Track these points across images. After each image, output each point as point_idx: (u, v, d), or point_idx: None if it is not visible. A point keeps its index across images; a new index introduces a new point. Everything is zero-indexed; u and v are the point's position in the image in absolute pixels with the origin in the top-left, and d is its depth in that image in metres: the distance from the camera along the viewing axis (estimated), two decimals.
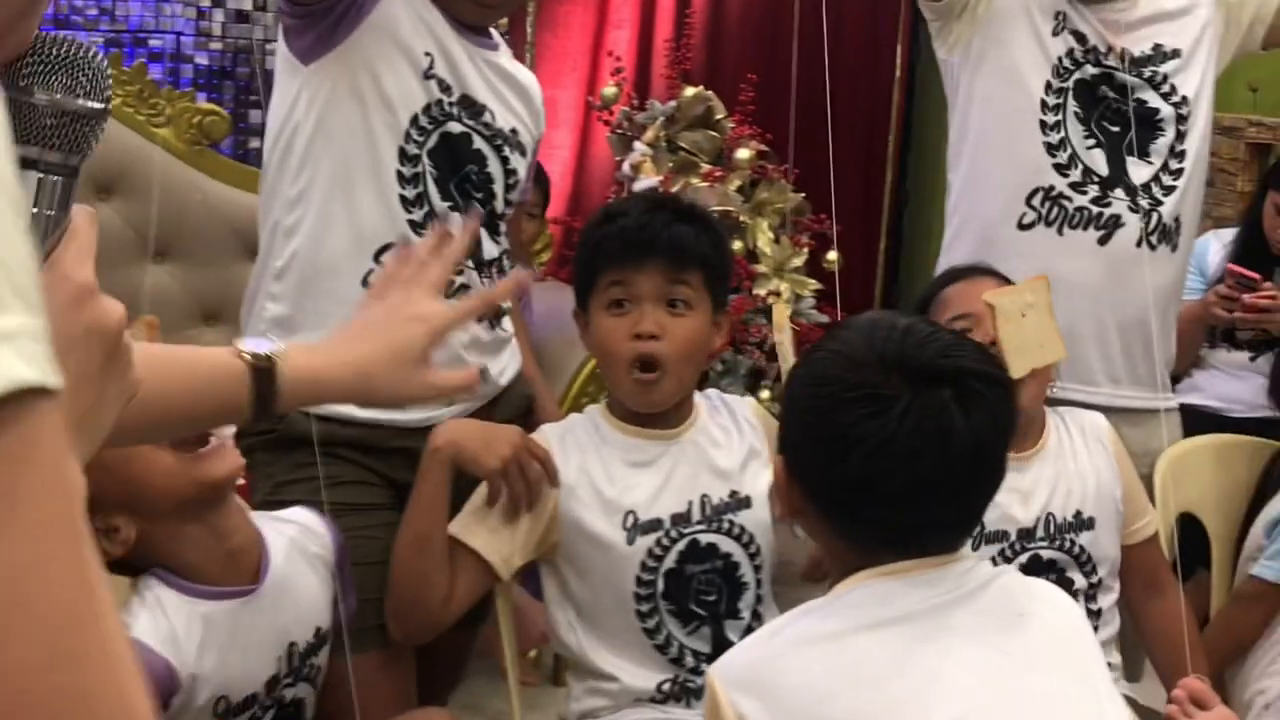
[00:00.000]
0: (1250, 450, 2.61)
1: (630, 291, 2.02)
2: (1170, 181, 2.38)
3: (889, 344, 1.39)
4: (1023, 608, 1.40)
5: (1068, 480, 2.19)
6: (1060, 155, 2.37)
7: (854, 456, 1.35)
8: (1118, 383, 2.41)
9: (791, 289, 3.80)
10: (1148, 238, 2.37)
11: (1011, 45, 2.39)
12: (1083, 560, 2.19)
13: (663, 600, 2.01)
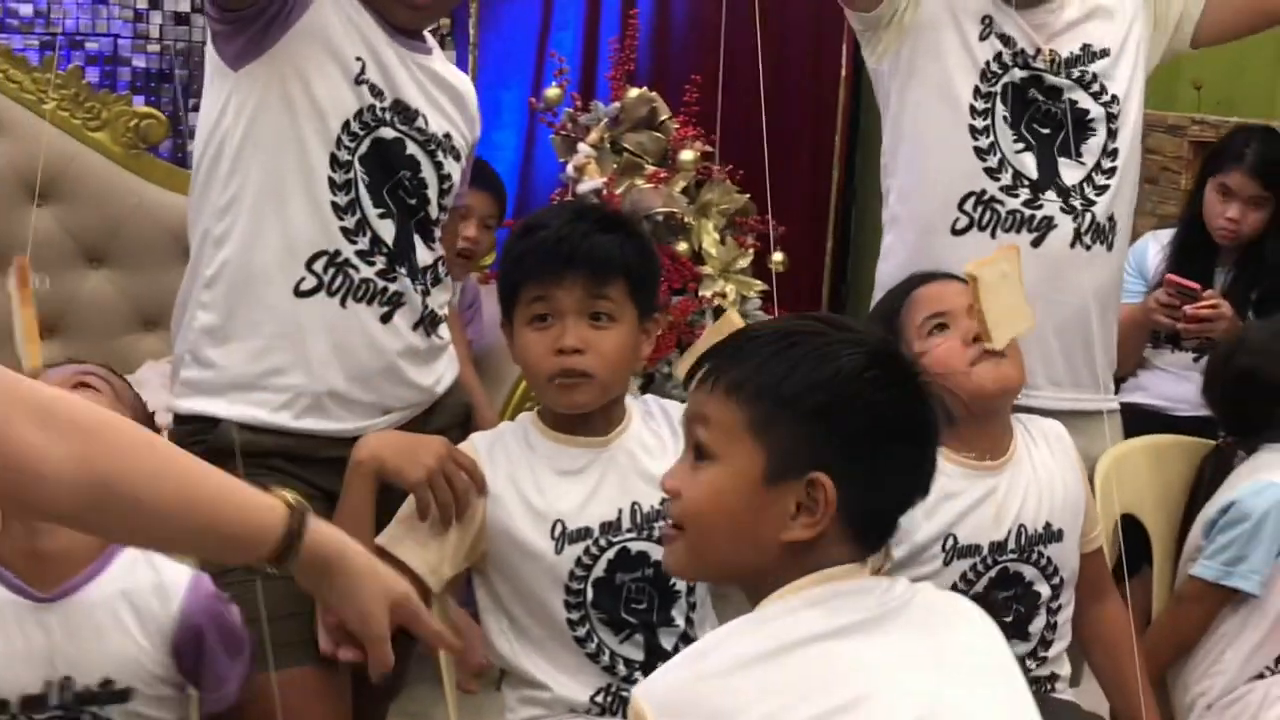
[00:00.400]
0: (1189, 449, 2.61)
1: (551, 305, 2.01)
2: (1103, 181, 2.38)
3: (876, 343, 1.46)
4: (947, 622, 1.39)
5: (1038, 490, 2.18)
6: (990, 159, 2.36)
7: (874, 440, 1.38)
8: (1059, 385, 2.40)
9: (737, 290, 3.79)
10: (1081, 238, 2.36)
11: (939, 52, 2.38)
12: (1049, 572, 2.18)
13: (593, 609, 2.00)
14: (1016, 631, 2.15)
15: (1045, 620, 2.18)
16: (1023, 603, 2.16)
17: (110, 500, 1.24)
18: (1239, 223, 3.37)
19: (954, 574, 2.10)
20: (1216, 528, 2.40)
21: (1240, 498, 2.38)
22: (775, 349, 1.39)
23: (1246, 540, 2.35)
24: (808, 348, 1.38)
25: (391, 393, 2.16)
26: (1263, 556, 2.34)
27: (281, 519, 1.37)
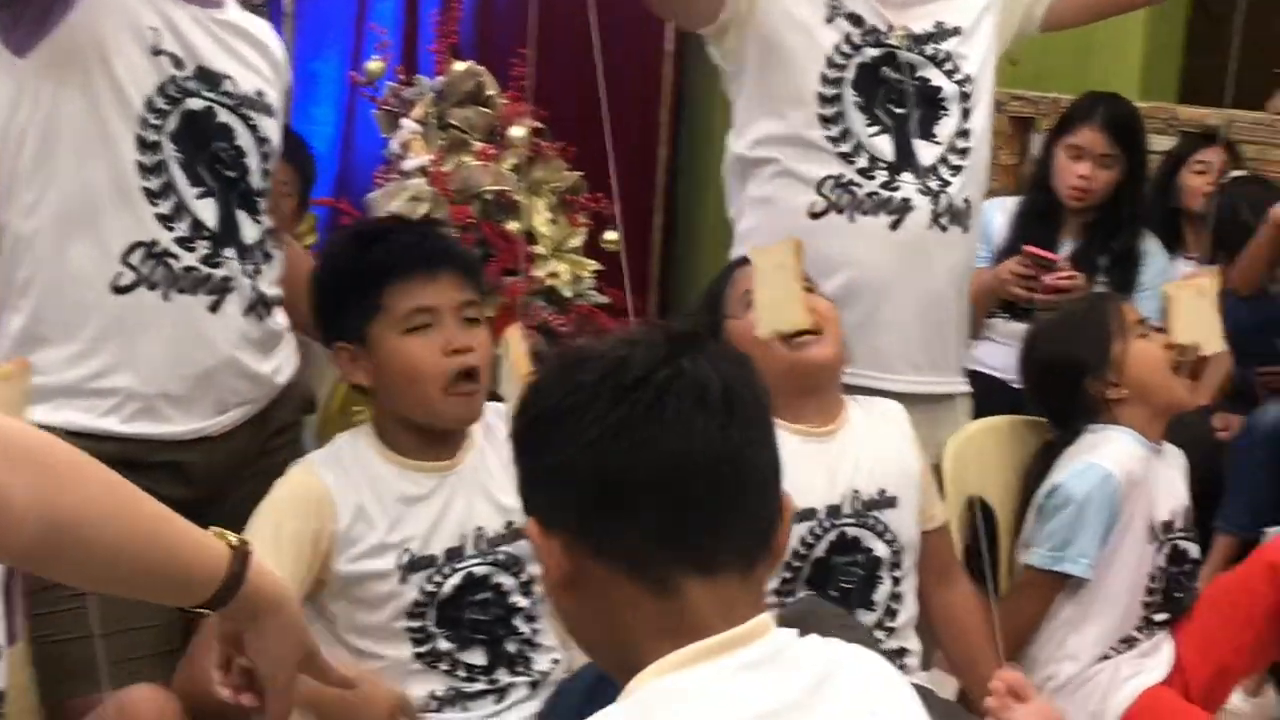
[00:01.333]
0: (1036, 429, 2.61)
1: (432, 308, 1.93)
2: (958, 162, 2.35)
3: (633, 337, 1.24)
4: (873, 703, 1.18)
5: (870, 458, 2.18)
6: (844, 145, 2.32)
7: (592, 414, 1.15)
8: (917, 369, 2.38)
9: (571, 270, 3.71)
10: (938, 220, 2.33)
11: (782, 52, 2.33)
12: (888, 539, 2.17)
13: (437, 628, 1.95)
14: (861, 600, 2.14)
15: (889, 589, 2.17)
16: (864, 568, 2.15)
17: (62, 541, 1.16)
18: (1090, 180, 3.39)
19: (794, 538, 2.07)
20: (1044, 514, 2.40)
21: (1063, 481, 2.38)
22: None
23: (1072, 524, 2.34)
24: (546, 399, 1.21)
25: (229, 387, 2.04)
26: (1090, 539, 2.34)
27: (224, 561, 1.28)
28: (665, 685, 1.11)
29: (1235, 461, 3.43)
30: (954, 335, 2.39)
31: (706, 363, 1.18)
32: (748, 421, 1.18)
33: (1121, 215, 3.41)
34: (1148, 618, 2.42)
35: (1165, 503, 2.44)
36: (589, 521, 1.17)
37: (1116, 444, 2.41)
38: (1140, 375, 2.43)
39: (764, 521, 1.21)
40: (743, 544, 1.18)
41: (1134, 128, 3.47)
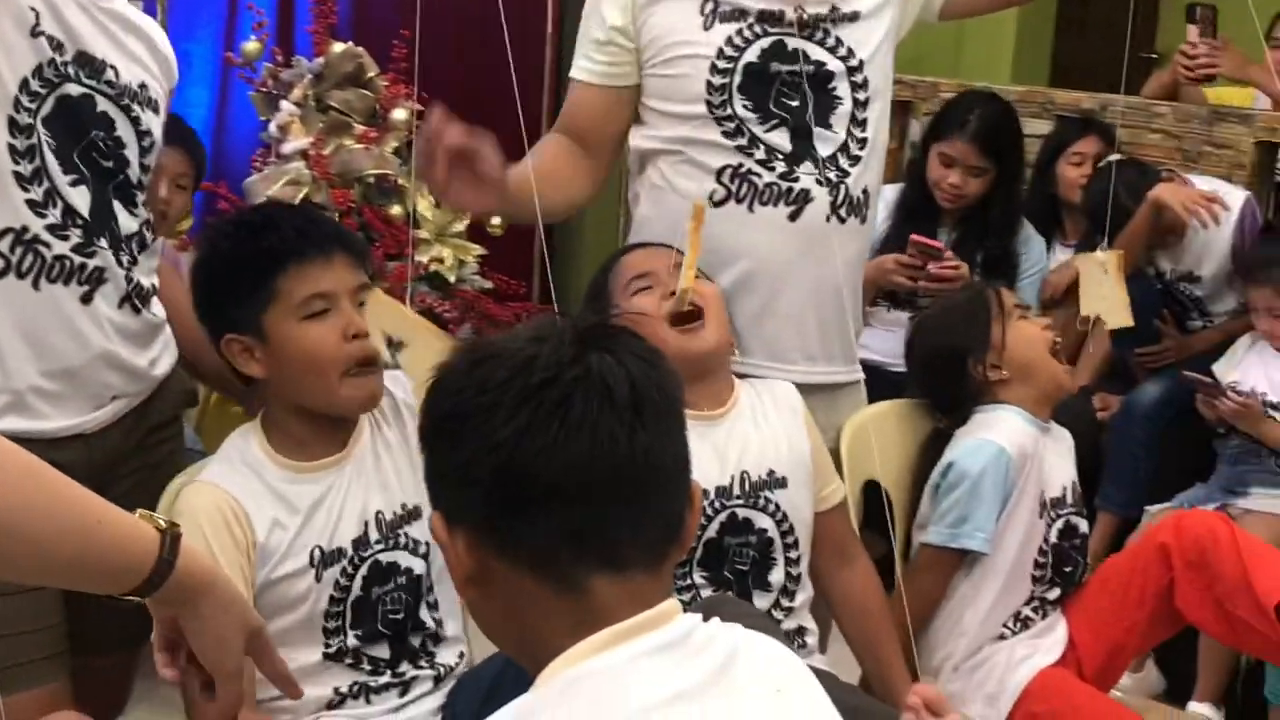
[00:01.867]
0: (930, 414, 2.62)
1: (329, 293, 1.88)
2: (856, 151, 2.34)
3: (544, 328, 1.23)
4: (777, 683, 1.19)
5: (760, 440, 2.18)
6: (741, 140, 2.29)
7: (498, 418, 1.14)
8: (812, 359, 2.37)
9: (454, 255, 3.64)
10: (837, 211, 2.32)
11: (669, 60, 2.30)
12: (779, 519, 2.17)
13: (351, 630, 1.92)
14: (757, 582, 2.15)
15: (784, 569, 2.18)
16: (756, 549, 2.16)
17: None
18: (961, 189, 3.42)
19: None
20: (940, 491, 2.42)
21: (957, 458, 2.41)
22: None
23: (968, 500, 2.37)
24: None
25: (104, 381, 1.97)
26: (986, 514, 2.37)
27: (153, 546, 1.25)
28: (575, 672, 1.10)
29: (1114, 441, 3.49)
30: (850, 325, 2.38)
31: (615, 360, 1.17)
32: (656, 419, 1.17)
33: (993, 220, 3.44)
34: (1041, 596, 2.44)
35: (1056, 479, 2.47)
36: (493, 521, 1.16)
37: (1007, 421, 2.44)
38: (1021, 355, 2.46)
39: (671, 516, 1.21)
40: (650, 540, 1.18)
41: (1006, 138, 3.49)
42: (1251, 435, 3.21)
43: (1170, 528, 2.42)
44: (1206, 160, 3.78)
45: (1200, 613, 2.38)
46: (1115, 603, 2.43)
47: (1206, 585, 2.35)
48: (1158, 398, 3.45)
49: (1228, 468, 3.29)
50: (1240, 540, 2.35)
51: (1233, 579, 2.31)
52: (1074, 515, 2.49)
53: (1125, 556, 2.56)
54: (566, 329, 1.20)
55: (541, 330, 1.20)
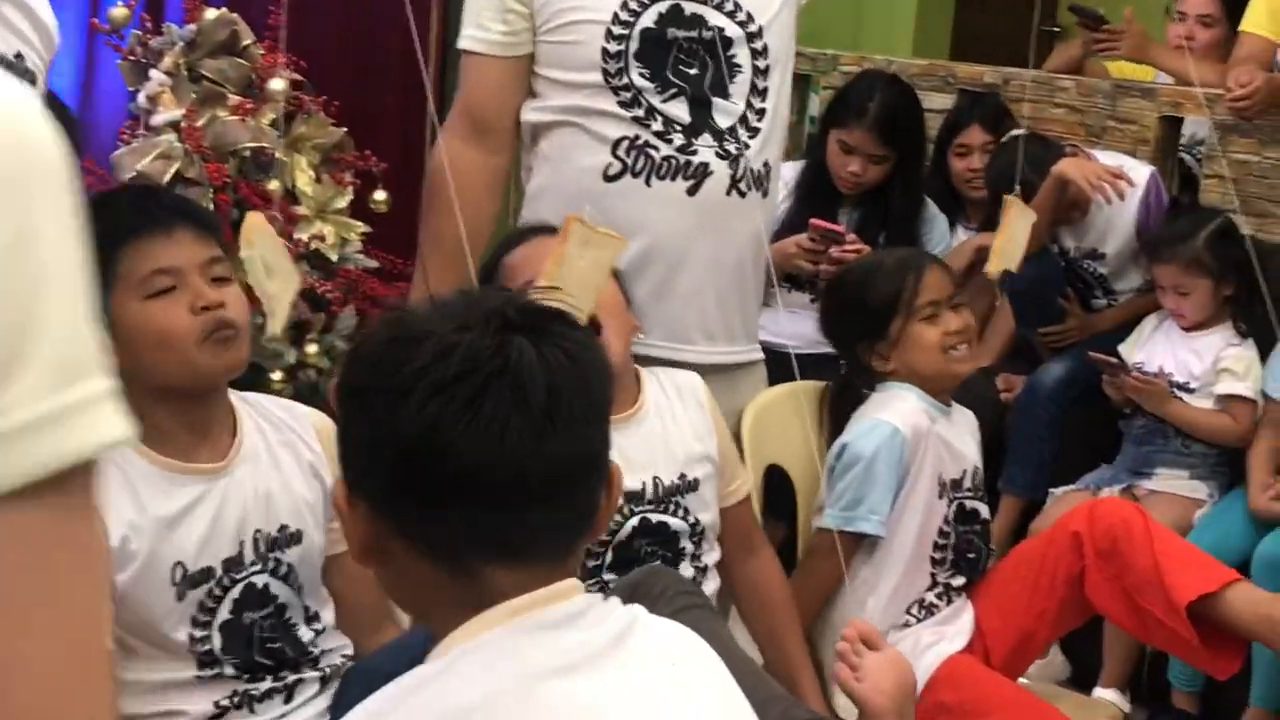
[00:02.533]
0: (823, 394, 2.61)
1: (174, 269, 1.81)
2: (755, 123, 2.32)
3: (450, 300, 1.25)
4: (673, 656, 1.22)
5: (669, 442, 2.16)
6: (638, 110, 2.26)
7: (407, 410, 1.13)
8: (713, 339, 2.35)
9: (337, 232, 3.56)
10: (737, 185, 2.30)
11: (564, 25, 2.28)
12: (691, 522, 2.17)
13: (222, 654, 1.84)
14: None
15: (690, 566, 2.18)
16: (667, 548, 2.15)
17: None
18: (860, 176, 3.41)
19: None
20: (834, 474, 2.41)
21: (851, 440, 2.41)
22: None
23: (861, 481, 2.37)
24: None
25: None
26: (880, 495, 2.37)
27: None
28: (469, 645, 1.12)
29: (1017, 422, 3.51)
30: (751, 303, 2.37)
31: (538, 354, 1.16)
32: (570, 423, 1.17)
33: (893, 207, 3.44)
34: (945, 583, 2.45)
35: (955, 461, 2.48)
36: (393, 501, 1.17)
37: (902, 401, 2.45)
38: (910, 357, 2.46)
39: (582, 510, 1.21)
40: (555, 536, 1.19)
41: (906, 124, 3.48)
42: (1157, 415, 3.25)
43: (1083, 516, 2.44)
44: (1110, 135, 3.82)
45: (1110, 603, 2.40)
46: (1025, 590, 2.45)
47: (1117, 576, 2.37)
48: (1061, 377, 3.48)
49: (1133, 448, 3.33)
50: (1154, 532, 2.38)
51: (1144, 572, 2.34)
52: (973, 499, 2.50)
53: (1037, 543, 2.58)
54: (494, 316, 1.18)
55: (469, 312, 1.19)
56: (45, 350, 0.61)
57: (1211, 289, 3.24)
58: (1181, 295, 3.26)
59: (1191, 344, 3.29)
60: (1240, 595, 2.32)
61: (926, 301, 2.47)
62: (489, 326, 1.17)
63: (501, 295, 1.29)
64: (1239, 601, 2.31)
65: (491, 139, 2.34)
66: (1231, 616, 2.30)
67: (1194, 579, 2.31)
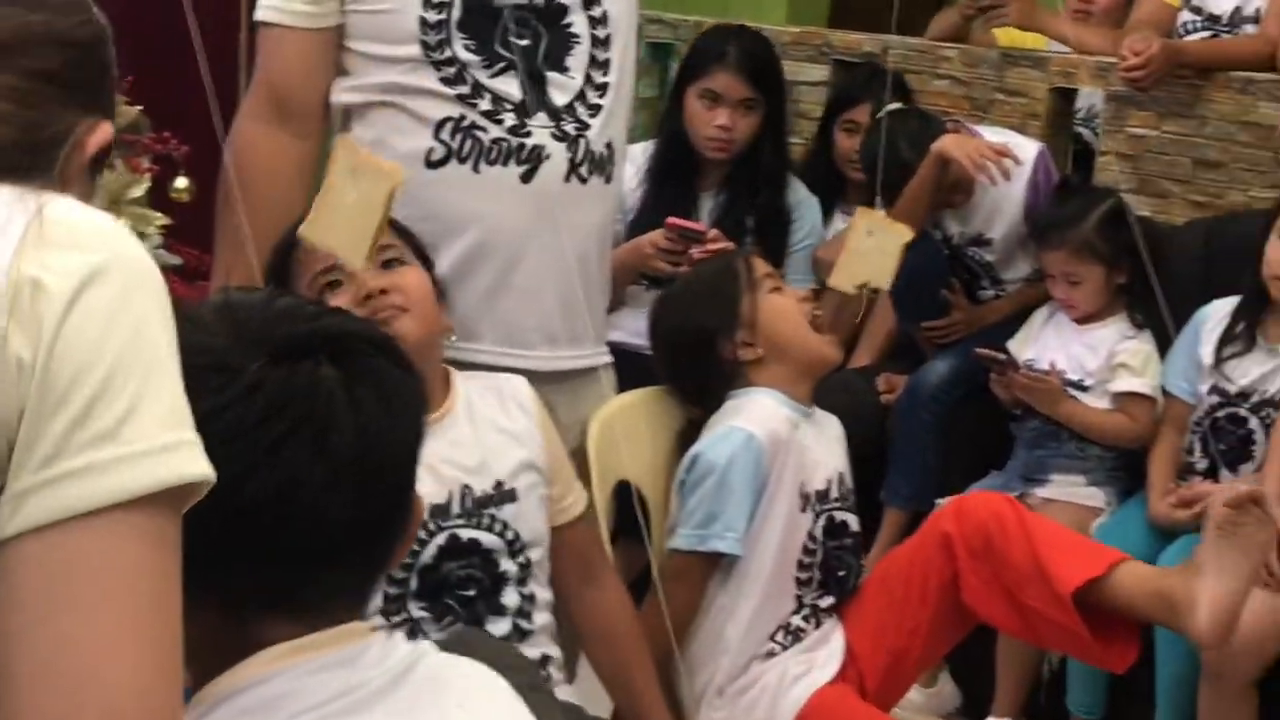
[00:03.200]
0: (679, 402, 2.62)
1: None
2: (596, 100, 2.32)
3: (245, 312, 1.22)
4: (456, 701, 1.22)
5: (483, 448, 2.14)
6: (462, 88, 2.25)
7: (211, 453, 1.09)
8: (554, 342, 2.34)
9: (133, 225, 3.51)
10: (576, 170, 2.30)
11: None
12: (510, 539, 2.14)
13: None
14: (490, 608, 2.12)
15: (518, 592, 2.15)
16: (484, 571, 2.13)
17: None
18: (731, 130, 3.42)
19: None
20: (685, 488, 2.43)
21: (703, 450, 2.43)
22: None
23: (715, 495, 2.39)
24: None
25: None
26: (737, 511, 2.38)
27: None
28: (224, 691, 1.13)
29: (899, 427, 3.53)
30: (598, 302, 2.37)
31: (349, 397, 1.16)
32: (377, 472, 1.18)
33: (764, 166, 3.46)
34: (812, 604, 2.46)
35: (819, 470, 2.50)
36: None
37: (758, 405, 2.47)
38: (774, 330, 2.50)
39: (377, 563, 1.24)
40: (344, 591, 1.21)
41: (770, 69, 3.52)
42: (1050, 417, 3.30)
43: (951, 514, 2.47)
44: (998, 109, 3.89)
45: (990, 606, 2.43)
46: (895, 603, 2.47)
47: (994, 574, 2.40)
48: (946, 376, 3.49)
49: (1025, 453, 3.37)
50: (1029, 522, 2.41)
51: (1023, 566, 2.36)
52: (842, 510, 2.52)
53: (904, 551, 2.60)
54: (300, 344, 1.18)
55: (269, 335, 1.18)
56: (156, 406, 0.97)
57: (1104, 277, 3.29)
58: (1072, 284, 3.31)
59: (1084, 338, 3.34)
60: (1129, 575, 2.36)
61: (765, 273, 2.54)
62: (294, 357, 1.16)
63: (305, 312, 1.26)
64: (1128, 581, 2.34)
65: (297, 122, 2.31)
66: (1122, 599, 2.34)
67: (1077, 565, 2.34)
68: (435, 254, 2.23)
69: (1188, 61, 3.59)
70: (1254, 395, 3.09)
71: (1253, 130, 3.52)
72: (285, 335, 1.18)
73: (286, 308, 1.24)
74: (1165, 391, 3.23)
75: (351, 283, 2.06)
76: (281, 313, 1.23)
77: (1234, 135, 3.55)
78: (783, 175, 3.54)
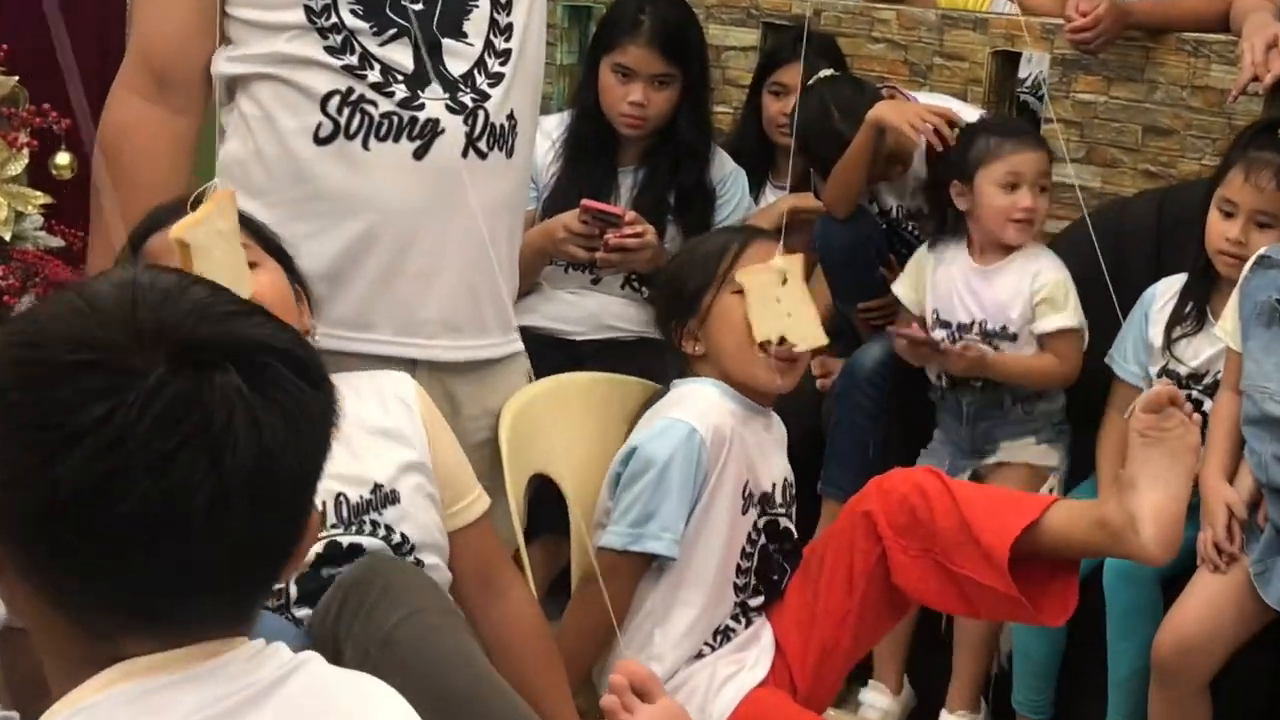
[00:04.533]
0: (602, 388, 2.64)
1: None
2: (497, 68, 2.32)
3: (148, 305, 1.16)
4: (343, 710, 1.22)
5: (358, 450, 2.13)
6: (349, 57, 2.25)
7: (72, 459, 1.09)
8: (457, 331, 2.35)
9: (10, 205, 3.50)
10: (475, 144, 2.30)
11: None
12: (395, 542, 2.13)
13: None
14: None
15: None
16: None
17: None
18: (645, 107, 3.43)
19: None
20: (620, 483, 2.43)
21: (641, 442, 2.43)
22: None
23: (652, 492, 2.39)
24: None
25: None
26: (674, 509, 2.39)
27: None
28: (82, 705, 1.12)
29: (836, 413, 3.52)
30: (504, 285, 2.37)
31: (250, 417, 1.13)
32: (273, 498, 1.16)
33: (684, 142, 3.47)
34: (743, 603, 2.48)
35: (764, 471, 2.52)
36: (29, 546, 1.14)
37: (702, 396, 2.48)
38: (719, 336, 2.50)
39: (261, 587, 1.23)
40: (224, 614, 1.19)
41: (689, 37, 3.52)
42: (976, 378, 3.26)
43: (873, 493, 2.48)
44: (938, 74, 3.91)
45: (922, 583, 2.44)
46: (821, 594, 2.48)
47: (923, 549, 2.41)
48: (881, 359, 3.45)
49: (967, 427, 3.34)
50: (954, 489, 2.43)
51: (950, 534, 2.38)
52: (785, 518, 2.54)
53: (826, 538, 2.60)
54: (196, 347, 1.14)
55: (155, 332, 1.14)
56: None
57: None
58: (1042, 190, 3.23)
59: (991, 280, 3.27)
60: (1061, 513, 2.37)
61: (739, 271, 2.52)
62: (198, 365, 1.13)
63: (217, 310, 1.19)
64: (1061, 520, 2.35)
65: (175, 95, 2.31)
66: (1059, 540, 2.35)
67: (1009, 519, 2.34)
68: (324, 237, 2.23)
69: (1137, 22, 3.61)
70: (1206, 377, 3.10)
71: (1205, 95, 3.55)
72: (191, 338, 1.14)
73: (198, 303, 1.18)
74: (1114, 375, 3.24)
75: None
76: (192, 308, 1.17)
77: (1186, 100, 3.58)
78: (705, 149, 3.55)
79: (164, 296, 1.18)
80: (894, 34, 3.99)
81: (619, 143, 3.50)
